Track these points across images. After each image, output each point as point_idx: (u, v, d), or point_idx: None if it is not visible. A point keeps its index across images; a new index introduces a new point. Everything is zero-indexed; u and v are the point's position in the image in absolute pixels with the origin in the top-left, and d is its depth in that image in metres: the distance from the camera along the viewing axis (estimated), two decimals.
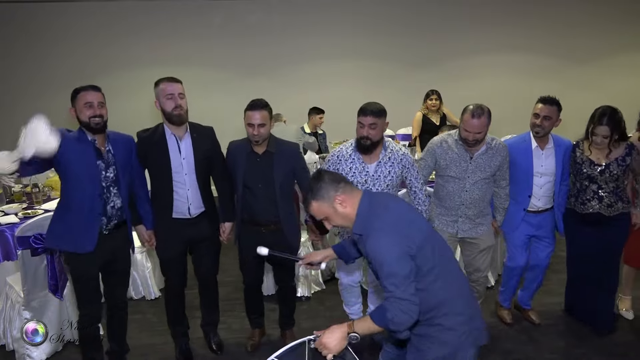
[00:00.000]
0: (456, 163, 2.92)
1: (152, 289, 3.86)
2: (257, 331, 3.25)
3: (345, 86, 6.89)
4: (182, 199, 2.71)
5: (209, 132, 2.84)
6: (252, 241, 2.86)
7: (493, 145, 2.92)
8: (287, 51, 6.86)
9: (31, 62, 6.52)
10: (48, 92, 6.35)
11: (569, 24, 7.19)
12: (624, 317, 3.45)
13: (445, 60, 7.12)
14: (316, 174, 1.92)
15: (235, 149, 2.86)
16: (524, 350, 3.13)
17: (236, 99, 6.84)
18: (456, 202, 2.98)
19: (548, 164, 3.07)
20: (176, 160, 2.66)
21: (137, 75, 6.58)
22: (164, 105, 2.61)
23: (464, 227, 3.02)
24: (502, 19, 7.09)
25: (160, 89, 2.63)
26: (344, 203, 1.84)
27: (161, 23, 6.56)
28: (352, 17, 6.85)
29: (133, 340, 3.20)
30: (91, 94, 2.42)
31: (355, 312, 3.31)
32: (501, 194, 3.08)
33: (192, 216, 2.76)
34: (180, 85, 2.67)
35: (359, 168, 2.83)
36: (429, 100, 5.31)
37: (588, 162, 2.99)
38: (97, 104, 2.42)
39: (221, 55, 6.74)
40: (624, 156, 2.95)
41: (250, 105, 2.74)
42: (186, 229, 2.77)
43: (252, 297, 3.17)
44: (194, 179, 2.71)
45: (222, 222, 2.95)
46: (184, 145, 2.68)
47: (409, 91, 6.56)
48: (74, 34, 6.50)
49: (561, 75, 7.16)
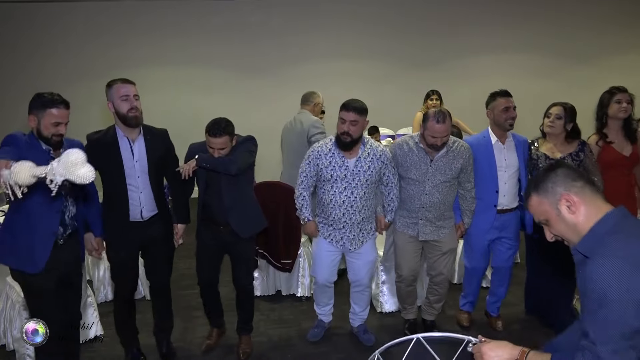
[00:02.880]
0: (416, 166, 2.93)
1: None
2: (216, 331, 3.22)
3: (345, 86, 6.84)
4: (134, 202, 2.65)
5: (163, 134, 2.80)
6: (208, 239, 2.93)
7: (454, 148, 2.92)
8: (288, 51, 6.86)
9: (33, 63, 6.50)
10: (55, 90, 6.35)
11: (570, 24, 7.19)
12: None
13: (446, 60, 7.12)
14: (553, 163, 1.57)
15: (195, 151, 2.82)
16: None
17: (237, 98, 6.93)
18: (416, 205, 2.98)
19: (510, 157, 3.05)
20: (129, 163, 2.60)
21: (138, 76, 6.49)
22: (119, 107, 2.53)
23: (424, 230, 3.02)
24: (503, 18, 7.09)
25: (114, 90, 2.54)
26: (573, 207, 1.42)
27: (162, 23, 6.56)
28: (353, 17, 6.85)
29: None
30: (61, 111, 2.30)
31: (325, 313, 3.34)
32: (467, 196, 3.05)
33: (144, 219, 2.70)
34: (134, 86, 2.59)
35: (338, 162, 2.86)
36: (429, 100, 5.30)
37: (544, 157, 3.04)
38: (65, 124, 2.34)
39: (222, 55, 6.74)
40: (578, 152, 3.00)
41: (211, 132, 2.67)
42: (138, 232, 2.70)
43: (209, 296, 3.13)
44: (147, 181, 2.65)
45: (176, 224, 2.92)
46: (137, 147, 2.63)
47: (409, 91, 6.56)
48: (75, 34, 6.49)
49: (562, 75, 7.17)
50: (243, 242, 2.93)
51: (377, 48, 6.97)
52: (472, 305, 3.45)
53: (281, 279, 3.85)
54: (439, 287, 3.21)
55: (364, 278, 3.11)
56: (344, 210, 2.91)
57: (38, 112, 2.28)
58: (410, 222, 3.04)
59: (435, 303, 3.30)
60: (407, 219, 3.05)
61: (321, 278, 3.13)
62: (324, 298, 3.26)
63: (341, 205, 2.90)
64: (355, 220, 2.95)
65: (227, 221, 2.85)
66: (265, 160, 4.69)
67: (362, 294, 3.21)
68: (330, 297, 3.29)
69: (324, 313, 3.33)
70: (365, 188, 2.89)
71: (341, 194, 2.89)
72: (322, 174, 2.91)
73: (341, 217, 2.93)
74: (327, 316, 3.35)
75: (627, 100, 3.08)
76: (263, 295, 3.89)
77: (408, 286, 3.22)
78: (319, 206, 3.05)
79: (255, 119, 6.79)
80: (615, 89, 3.14)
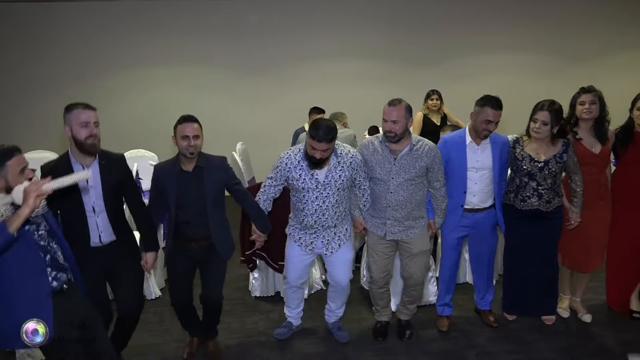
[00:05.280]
0: (381, 164, 2.92)
1: (152, 289, 3.86)
2: (196, 340, 3.15)
3: (346, 86, 6.88)
4: (92, 227, 2.57)
5: (120, 159, 2.71)
6: (179, 256, 2.87)
7: (418, 147, 2.90)
8: (289, 51, 6.85)
9: (30, 63, 6.46)
10: (47, 92, 6.35)
11: (573, 23, 7.17)
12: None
13: (447, 60, 7.10)
14: None
15: (162, 171, 2.80)
16: (525, 350, 3.13)
17: (238, 99, 6.92)
18: (382, 204, 2.97)
19: (484, 158, 3.05)
20: (83, 188, 2.53)
21: (139, 76, 6.57)
22: (77, 133, 2.45)
23: (392, 230, 3.00)
24: (505, 18, 7.07)
25: (73, 115, 2.45)
26: None
27: (162, 23, 6.54)
28: (354, 17, 6.83)
29: (133, 339, 3.18)
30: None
31: (295, 316, 3.34)
32: (437, 195, 3.04)
33: (103, 244, 2.62)
34: (95, 112, 2.52)
35: (308, 175, 2.84)
36: (429, 101, 5.30)
37: (528, 159, 3.04)
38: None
39: (223, 55, 6.72)
40: (562, 153, 3.01)
41: (182, 118, 2.71)
42: (101, 257, 2.60)
43: (185, 314, 3.07)
44: (102, 207, 2.58)
45: (144, 252, 2.81)
46: (92, 172, 2.48)
47: (410, 91, 6.47)
48: (73, 34, 6.45)
49: (565, 75, 7.13)
50: (216, 257, 2.87)
51: (378, 47, 6.95)
52: (450, 308, 3.41)
53: (280, 280, 3.85)
54: (412, 289, 3.19)
55: (342, 279, 3.11)
56: (315, 218, 2.91)
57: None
58: (379, 222, 3.03)
59: (410, 304, 3.29)
60: (376, 219, 3.04)
61: (290, 278, 3.14)
62: (295, 300, 3.27)
63: (313, 214, 2.90)
64: (327, 225, 2.95)
65: (207, 235, 2.79)
66: (263, 160, 4.68)
67: (340, 293, 3.22)
68: (301, 300, 3.31)
69: (293, 316, 3.33)
70: (337, 196, 2.88)
71: (313, 203, 2.88)
72: (292, 185, 2.91)
73: (313, 224, 2.93)
74: (297, 319, 3.35)
75: (590, 102, 3.09)
76: (262, 295, 3.89)
77: (380, 288, 3.20)
78: (292, 210, 3.05)
79: (256, 118, 6.81)
80: (582, 89, 3.15)
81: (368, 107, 5.21)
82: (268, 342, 3.28)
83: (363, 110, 5.68)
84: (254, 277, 3.89)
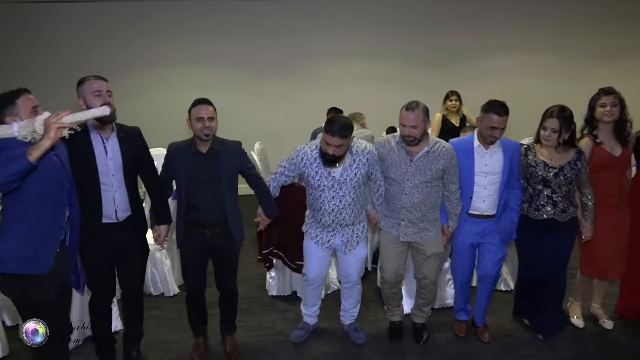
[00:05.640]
0: (396, 165, 2.90)
1: (171, 286, 3.91)
2: (202, 339, 3.12)
3: (364, 86, 6.87)
4: (108, 202, 2.54)
5: (136, 132, 2.71)
6: (195, 245, 2.84)
7: (435, 149, 2.87)
8: (307, 51, 6.86)
9: (42, 63, 6.51)
10: (60, 92, 6.43)
11: (593, 23, 7.04)
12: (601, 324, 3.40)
13: (466, 60, 7.04)
14: None
15: (176, 150, 2.79)
16: (541, 356, 3.10)
17: (257, 98, 6.96)
18: (397, 205, 2.95)
19: (493, 163, 2.96)
20: (102, 161, 2.51)
21: (154, 77, 6.67)
22: (91, 103, 2.42)
23: (406, 231, 2.98)
24: (524, 18, 6.97)
25: (85, 87, 2.46)
26: None
27: (182, 23, 6.61)
28: (371, 17, 6.81)
29: (152, 336, 3.26)
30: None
31: (311, 314, 3.32)
32: (452, 198, 2.99)
33: (119, 220, 2.59)
34: (107, 83, 2.51)
35: (324, 173, 2.85)
36: (448, 101, 5.26)
37: (542, 164, 2.97)
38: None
39: (242, 55, 6.76)
40: (575, 160, 2.95)
41: (196, 101, 2.74)
42: (113, 234, 2.58)
43: (196, 304, 3.04)
44: (121, 180, 2.56)
45: (157, 225, 2.83)
46: (111, 145, 2.54)
47: (428, 92, 6.44)
48: (87, 34, 6.52)
49: (583, 76, 7.01)
50: (231, 244, 2.88)
51: (396, 48, 6.93)
52: (467, 313, 3.36)
53: (297, 279, 3.87)
54: (426, 291, 3.18)
55: (353, 274, 3.12)
56: (333, 217, 2.92)
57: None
58: (393, 222, 3.02)
59: (424, 306, 3.26)
60: (390, 219, 3.04)
61: (311, 275, 3.14)
62: (312, 298, 3.26)
63: (330, 213, 2.91)
64: (347, 224, 2.96)
65: (222, 221, 2.79)
66: (276, 159, 4.70)
67: (351, 290, 3.21)
68: (318, 298, 3.30)
69: (310, 314, 3.32)
70: (353, 194, 2.89)
71: (330, 202, 2.88)
72: (309, 182, 2.92)
73: (331, 223, 2.94)
74: (313, 318, 3.34)
75: (611, 104, 3.02)
76: (279, 295, 3.92)
77: (392, 288, 3.19)
78: (310, 208, 3.06)
79: (274, 118, 6.84)
80: (602, 90, 3.08)
81: (385, 108, 5.18)
82: (284, 342, 3.30)
83: (380, 110, 5.66)
84: (270, 276, 3.92)
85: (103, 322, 2.84)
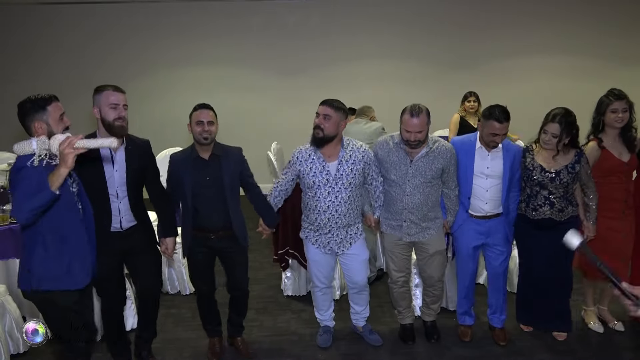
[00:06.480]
0: (396, 167, 2.89)
1: (187, 285, 3.95)
2: (217, 339, 3.14)
3: (382, 87, 6.85)
4: (114, 212, 2.59)
5: (145, 145, 2.74)
6: (200, 247, 2.86)
7: (434, 148, 2.86)
8: (324, 52, 6.88)
9: (62, 65, 6.59)
10: (81, 95, 6.55)
11: (613, 24, 6.91)
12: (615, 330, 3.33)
13: (484, 61, 6.97)
14: None
15: (178, 159, 2.82)
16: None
17: (273, 100, 6.99)
18: (399, 207, 2.94)
19: (494, 166, 2.94)
20: (109, 172, 2.54)
21: (180, 76, 6.73)
22: (106, 115, 2.46)
23: (409, 232, 2.97)
24: (543, 19, 6.87)
25: (103, 97, 2.48)
26: None
27: (199, 24, 6.68)
28: (390, 18, 6.80)
29: (168, 334, 3.30)
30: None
31: (327, 319, 3.30)
32: (451, 195, 3.00)
33: (123, 229, 2.63)
34: (124, 95, 2.53)
35: (319, 168, 2.85)
36: (466, 102, 5.21)
37: (539, 169, 2.92)
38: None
39: (259, 56, 6.81)
40: (574, 163, 2.89)
41: (197, 106, 2.77)
42: (118, 241, 2.62)
43: (208, 307, 3.07)
44: (124, 192, 2.59)
45: (164, 238, 2.85)
46: (118, 157, 2.56)
47: (446, 93, 6.46)
48: (113, 34, 6.62)
49: (604, 77, 6.86)
50: (237, 247, 2.90)
51: (414, 49, 6.90)
52: (471, 317, 3.32)
53: None
54: (433, 289, 3.18)
55: (359, 279, 3.11)
56: (329, 216, 2.90)
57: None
58: (395, 224, 3.01)
59: (432, 304, 3.26)
60: (392, 221, 3.02)
61: (316, 281, 3.13)
62: (324, 302, 3.24)
63: (326, 211, 2.89)
64: (341, 224, 2.93)
65: (226, 225, 2.81)
66: None
67: (360, 294, 3.20)
68: (330, 301, 3.29)
69: (326, 318, 3.30)
70: (349, 192, 2.87)
71: (325, 200, 2.87)
72: (304, 181, 2.91)
73: (327, 223, 2.92)
74: (330, 321, 3.33)
75: (623, 109, 2.96)
76: (294, 295, 3.92)
77: (400, 287, 3.18)
78: (304, 211, 3.05)
79: (291, 119, 6.84)
80: (613, 95, 2.99)
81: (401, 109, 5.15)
82: (299, 341, 3.30)
83: (397, 112, 5.60)
84: (286, 276, 3.93)
85: (115, 327, 2.87)
